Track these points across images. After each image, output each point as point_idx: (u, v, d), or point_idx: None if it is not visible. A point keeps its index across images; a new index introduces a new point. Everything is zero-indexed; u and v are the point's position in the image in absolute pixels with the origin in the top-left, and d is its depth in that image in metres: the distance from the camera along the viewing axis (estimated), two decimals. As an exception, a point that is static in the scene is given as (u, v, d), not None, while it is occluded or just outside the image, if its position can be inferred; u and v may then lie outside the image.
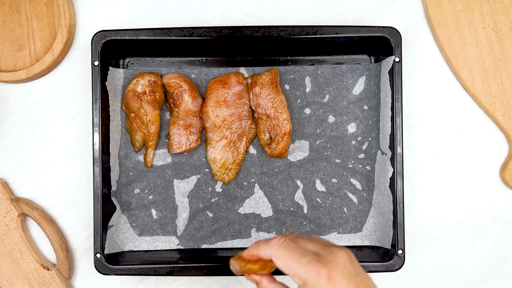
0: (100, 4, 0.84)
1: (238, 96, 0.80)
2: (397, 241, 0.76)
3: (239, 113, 0.81)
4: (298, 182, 0.82)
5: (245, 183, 0.82)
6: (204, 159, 0.82)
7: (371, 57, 0.82)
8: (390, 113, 0.77)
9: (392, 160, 0.77)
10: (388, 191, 0.78)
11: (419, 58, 0.84)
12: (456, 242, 0.84)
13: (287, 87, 0.82)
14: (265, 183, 0.82)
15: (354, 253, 0.79)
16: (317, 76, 0.82)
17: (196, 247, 0.81)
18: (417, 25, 0.84)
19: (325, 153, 0.82)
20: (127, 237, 0.81)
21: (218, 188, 0.82)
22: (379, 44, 0.78)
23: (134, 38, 0.77)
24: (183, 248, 0.81)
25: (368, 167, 0.82)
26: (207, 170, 0.82)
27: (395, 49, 0.77)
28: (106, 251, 0.77)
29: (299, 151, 0.82)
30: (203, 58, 0.82)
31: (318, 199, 0.82)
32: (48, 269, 0.81)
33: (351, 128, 0.82)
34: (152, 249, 0.81)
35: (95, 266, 0.77)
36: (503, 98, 0.82)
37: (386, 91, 0.78)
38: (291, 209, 0.82)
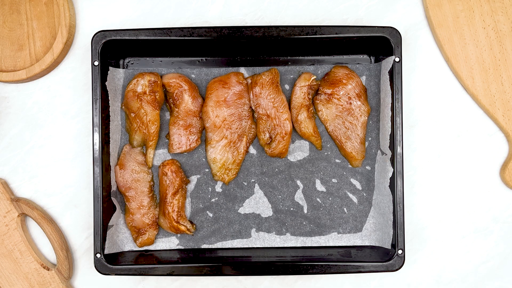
0: (100, 4, 0.84)
1: (238, 96, 0.80)
2: (397, 241, 0.76)
3: (239, 113, 0.81)
4: (298, 182, 0.82)
5: (245, 183, 0.82)
6: (204, 159, 0.82)
7: (371, 57, 0.82)
8: (390, 113, 0.77)
9: (392, 160, 0.77)
10: (388, 191, 0.78)
11: (419, 58, 0.84)
12: (456, 242, 0.84)
13: (287, 87, 0.82)
14: (265, 183, 0.82)
15: (354, 253, 0.80)
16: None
17: (196, 247, 0.81)
18: (417, 25, 0.84)
19: (325, 153, 0.82)
20: (127, 237, 0.81)
21: (218, 188, 0.82)
22: (379, 44, 0.78)
23: (134, 38, 0.77)
24: (183, 248, 0.81)
25: (368, 167, 0.82)
26: (207, 170, 0.82)
27: (395, 49, 0.77)
28: (106, 251, 0.77)
29: (299, 151, 0.82)
30: (203, 58, 0.82)
31: (318, 199, 0.82)
32: (48, 269, 0.81)
33: (351, 128, 0.82)
34: (152, 249, 0.81)
35: (95, 266, 0.77)
36: (503, 98, 0.82)
37: (386, 91, 0.78)
38: (291, 209, 0.82)
